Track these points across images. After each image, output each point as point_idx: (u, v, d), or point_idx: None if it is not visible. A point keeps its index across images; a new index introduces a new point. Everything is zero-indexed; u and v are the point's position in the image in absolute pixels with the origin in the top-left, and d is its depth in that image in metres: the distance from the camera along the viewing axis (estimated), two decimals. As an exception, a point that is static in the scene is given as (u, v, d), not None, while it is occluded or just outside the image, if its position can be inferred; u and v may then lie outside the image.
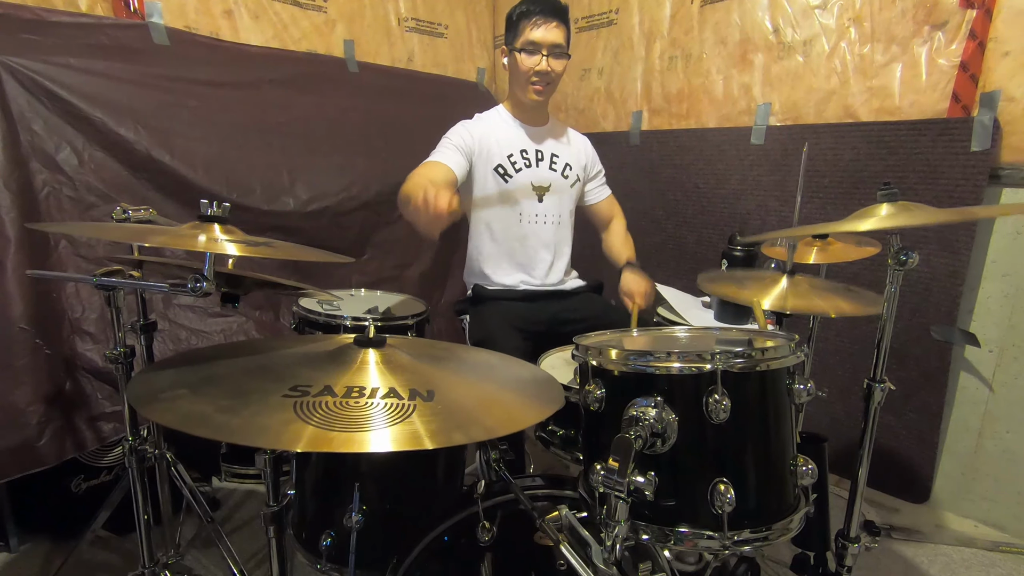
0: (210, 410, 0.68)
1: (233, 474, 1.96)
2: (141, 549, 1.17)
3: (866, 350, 1.93)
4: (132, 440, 1.12)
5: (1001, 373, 1.80)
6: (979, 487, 1.87)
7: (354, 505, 0.86)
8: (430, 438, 0.65)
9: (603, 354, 0.85)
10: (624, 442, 0.72)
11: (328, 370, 0.79)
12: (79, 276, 1.53)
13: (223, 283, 1.02)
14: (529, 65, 1.61)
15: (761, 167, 2.17)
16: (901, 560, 1.69)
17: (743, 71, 2.21)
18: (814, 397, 0.86)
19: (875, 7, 1.86)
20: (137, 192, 1.81)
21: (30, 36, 1.68)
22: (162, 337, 1.76)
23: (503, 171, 1.68)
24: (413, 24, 2.73)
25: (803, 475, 0.84)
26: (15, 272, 1.48)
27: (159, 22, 1.98)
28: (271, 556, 0.92)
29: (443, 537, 0.93)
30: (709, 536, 0.78)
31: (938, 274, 1.80)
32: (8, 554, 1.59)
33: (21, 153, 1.59)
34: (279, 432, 0.64)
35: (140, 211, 1.24)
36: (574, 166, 1.78)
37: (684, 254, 2.45)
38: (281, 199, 2.08)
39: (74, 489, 1.63)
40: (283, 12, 2.33)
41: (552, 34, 1.60)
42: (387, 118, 2.44)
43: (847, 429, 1.97)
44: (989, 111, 1.67)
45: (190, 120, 1.93)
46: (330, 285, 1.91)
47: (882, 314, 1.04)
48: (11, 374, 1.45)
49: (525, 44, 1.60)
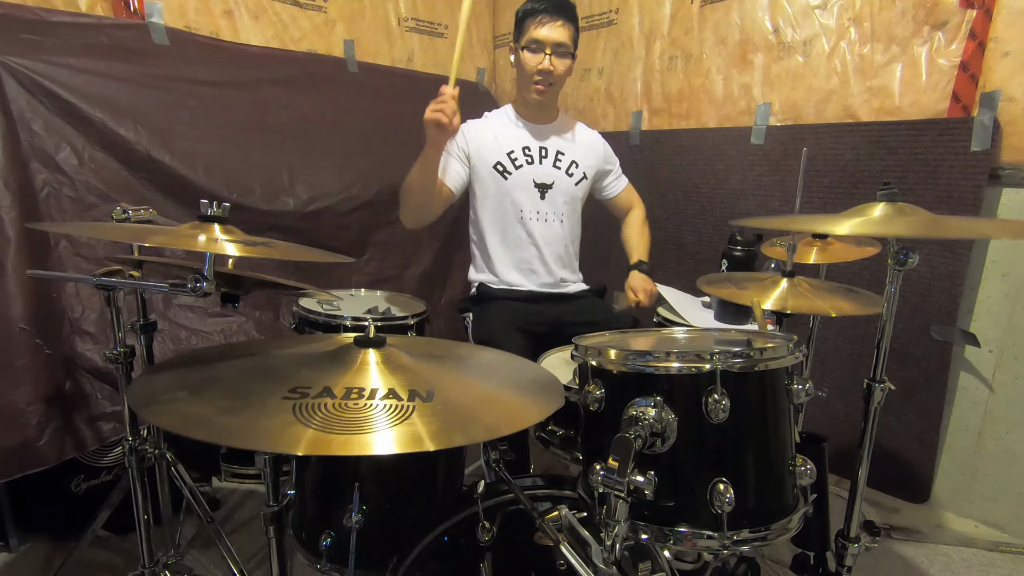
0: (209, 412, 0.68)
1: (233, 474, 1.96)
2: (141, 549, 1.17)
3: (866, 350, 1.93)
4: (132, 440, 1.12)
5: (1001, 373, 1.80)
6: (979, 487, 1.87)
7: (354, 505, 0.86)
8: (430, 439, 0.65)
9: (602, 354, 0.85)
10: (624, 442, 0.72)
11: (328, 371, 0.79)
12: (79, 276, 1.53)
13: (223, 283, 1.03)
14: (532, 63, 1.61)
15: (761, 167, 2.17)
16: (901, 560, 1.69)
17: (743, 71, 2.21)
18: (813, 397, 0.86)
19: (875, 7, 1.87)
20: (137, 192, 1.81)
21: (30, 36, 1.68)
22: (162, 337, 1.76)
23: (502, 168, 1.69)
24: (413, 24, 2.73)
25: (802, 475, 0.84)
26: (15, 272, 1.48)
27: (159, 22, 1.98)
28: (271, 556, 0.92)
29: (443, 537, 0.93)
30: (708, 536, 0.78)
31: (938, 274, 1.80)
32: (8, 554, 1.59)
33: (21, 153, 1.59)
34: (278, 435, 0.64)
35: (140, 211, 1.24)
36: (581, 163, 1.77)
37: (684, 254, 2.45)
38: (281, 199, 2.08)
39: (74, 489, 1.63)
40: (283, 12, 2.34)
41: (557, 33, 1.59)
42: (387, 118, 2.43)
43: (847, 429, 1.97)
44: (989, 111, 1.67)
45: (190, 120, 1.93)
46: (330, 285, 1.91)
47: (882, 314, 1.04)
48: (11, 374, 1.45)
49: (529, 42, 1.60)
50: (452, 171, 1.66)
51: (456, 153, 1.67)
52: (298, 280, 1.56)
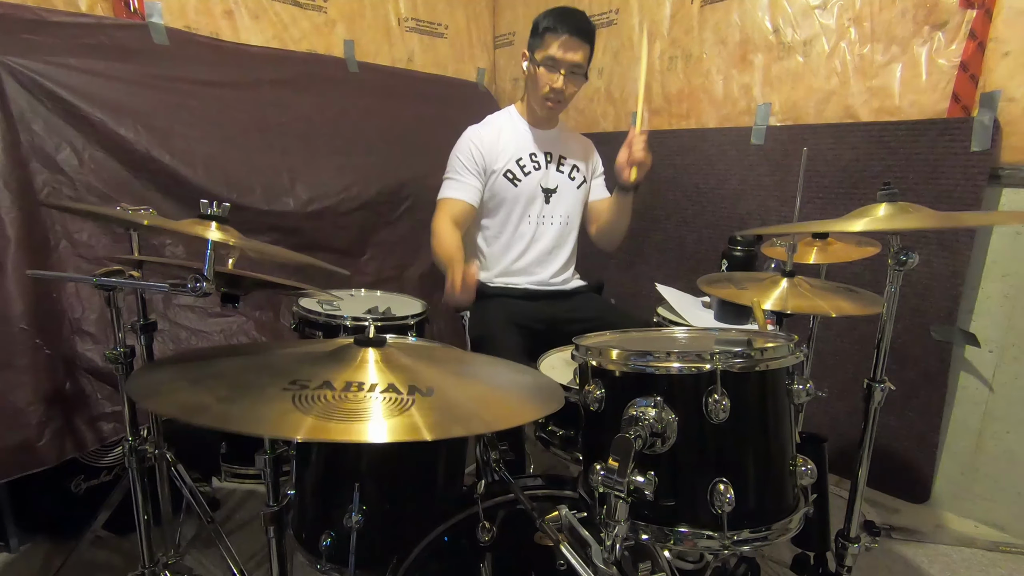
0: (209, 400, 0.68)
1: (233, 474, 1.96)
2: (141, 549, 1.17)
3: (866, 350, 1.93)
4: (132, 440, 1.12)
5: (1001, 373, 1.80)
6: (979, 487, 1.87)
7: (354, 505, 0.86)
8: (429, 430, 0.65)
9: (603, 354, 0.85)
10: (624, 442, 0.72)
11: (328, 367, 0.79)
12: (79, 276, 1.53)
13: (223, 283, 1.03)
14: (546, 81, 1.62)
15: (761, 167, 2.17)
16: (901, 560, 1.69)
17: (743, 71, 2.21)
18: (814, 397, 0.86)
19: (875, 7, 1.86)
20: (137, 192, 1.81)
21: (30, 36, 1.68)
22: (162, 337, 1.76)
23: (512, 176, 1.69)
24: (413, 24, 2.73)
25: (802, 475, 0.85)
26: (15, 272, 1.47)
27: (159, 22, 1.98)
28: (271, 556, 0.92)
29: (443, 537, 0.93)
30: (709, 536, 0.78)
31: (938, 274, 1.80)
32: (8, 554, 1.59)
33: (21, 153, 1.59)
34: (277, 421, 0.64)
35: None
36: (581, 168, 1.80)
37: (684, 254, 2.45)
38: (281, 199, 2.08)
39: (74, 489, 1.62)
40: (283, 12, 2.34)
41: (574, 54, 1.59)
42: (387, 118, 2.44)
43: (847, 429, 1.97)
44: (989, 111, 1.67)
45: (190, 120, 1.93)
46: (330, 285, 1.90)
47: (882, 314, 1.04)
48: (11, 374, 1.45)
49: (546, 59, 1.60)
50: (472, 188, 1.68)
51: (474, 170, 1.68)
52: (298, 280, 1.56)
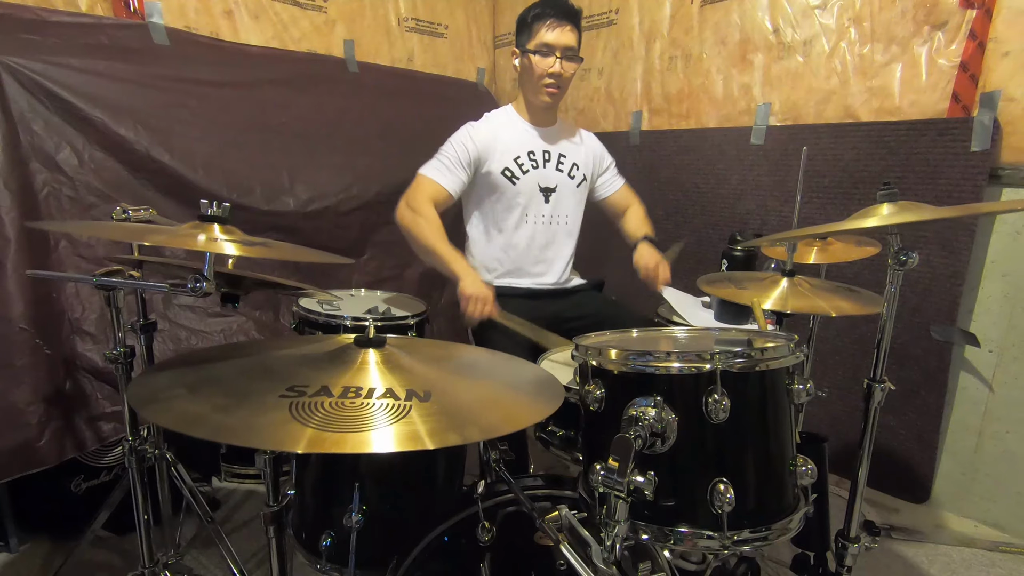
0: (206, 410, 0.68)
1: (233, 474, 1.96)
2: (141, 549, 1.17)
3: (866, 350, 1.93)
4: (132, 440, 1.12)
5: (1001, 373, 1.80)
6: (979, 487, 1.87)
7: (354, 505, 0.86)
8: (428, 438, 0.65)
9: (603, 354, 0.85)
10: (624, 442, 0.72)
11: (326, 370, 0.79)
12: (79, 276, 1.53)
13: (223, 283, 1.02)
14: (543, 67, 1.61)
15: (761, 167, 2.17)
16: (901, 560, 1.69)
17: (743, 71, 2.21)
18: (814, 397, 0.86)
19: (875, 7, 1.86)
20: (137, 192, 1.81)
21: (30, 36, 1.68)
22: (162, 337, 1.76)
23: (510, 174, 1.69)
24: (413, 24, 2.73)
25: (802, 475, 0.85)
26: (15, 272, 1.48)
27: (159, 22, 1.98)
28: (271, 556, 0.92)
29: (443, 537, 0.93)
30: (709, 536, 0.78)
31: (938, 274, 1.80)
32: (8, 554, 1.59)
33: (21, 153, 1.59)
34: (274, 433, 0.64)
35: (140, 211, 1.24)
36: (581, 166, 1.78)
37: (684, 254, 2.44)
38: (281, 199, 2.08)
39: (74, 489, 1.63)
40: (283, 12, 2.34)
41: (566, 37, 1.60)
42: (387, 118, 2.44)
43: (847, 429, 1.97)
44: (989, 111, 1.67)
45: (190, 120, 1.93)
46: (330, 285, 1.91)
47: (882, 314, 1.04)
48: (11, 374, 1.45)
49: (539, 46, 1.60)
50: (456, 178, 1.66)
51: (465, 161, 1.66)
52: (298, 280, 1.56)
